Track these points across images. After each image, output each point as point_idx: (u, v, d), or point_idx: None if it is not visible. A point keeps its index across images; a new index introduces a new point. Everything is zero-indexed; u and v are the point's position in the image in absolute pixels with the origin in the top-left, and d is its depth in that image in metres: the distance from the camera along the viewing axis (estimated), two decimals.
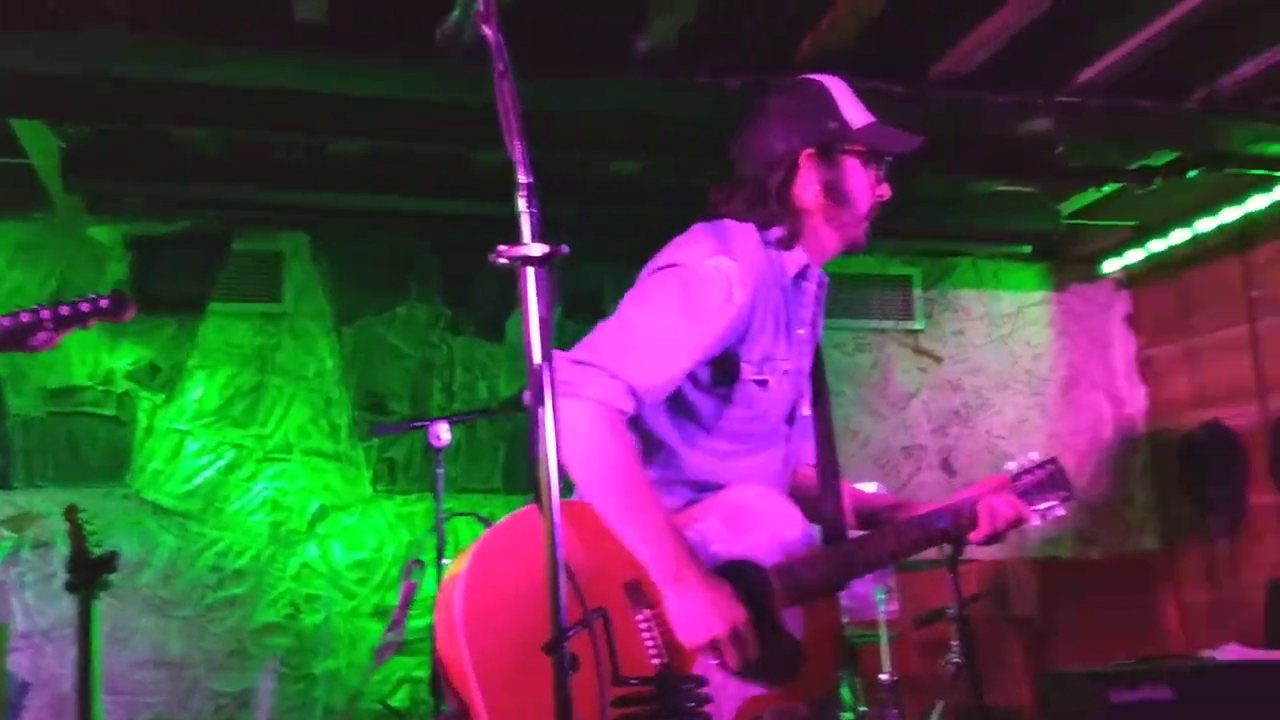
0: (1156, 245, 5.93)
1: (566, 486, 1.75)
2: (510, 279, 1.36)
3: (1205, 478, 5.89)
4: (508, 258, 1.34)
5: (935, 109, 4.07)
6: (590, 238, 5.03)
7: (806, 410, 2.14)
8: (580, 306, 5.17)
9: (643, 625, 1.77)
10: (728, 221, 2.03)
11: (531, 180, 1.35)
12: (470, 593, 1.67)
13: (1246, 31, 3.96)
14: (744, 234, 2.00)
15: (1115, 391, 6.40)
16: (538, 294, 1.33)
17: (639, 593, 1.78)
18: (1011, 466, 2.10)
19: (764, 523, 1.92)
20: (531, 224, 1.35)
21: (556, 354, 1.68)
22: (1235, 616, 5.69)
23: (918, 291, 6.18)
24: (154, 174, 4.79)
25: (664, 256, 1.98)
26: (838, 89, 2.06)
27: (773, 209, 2.02)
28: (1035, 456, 2.12)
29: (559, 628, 1.26)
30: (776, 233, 2.02)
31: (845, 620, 4.27)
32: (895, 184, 2.10)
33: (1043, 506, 2.08)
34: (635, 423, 1.97)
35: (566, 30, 3.58)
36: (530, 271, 1.33)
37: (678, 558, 1.79)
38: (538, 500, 1.31)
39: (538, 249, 1.32)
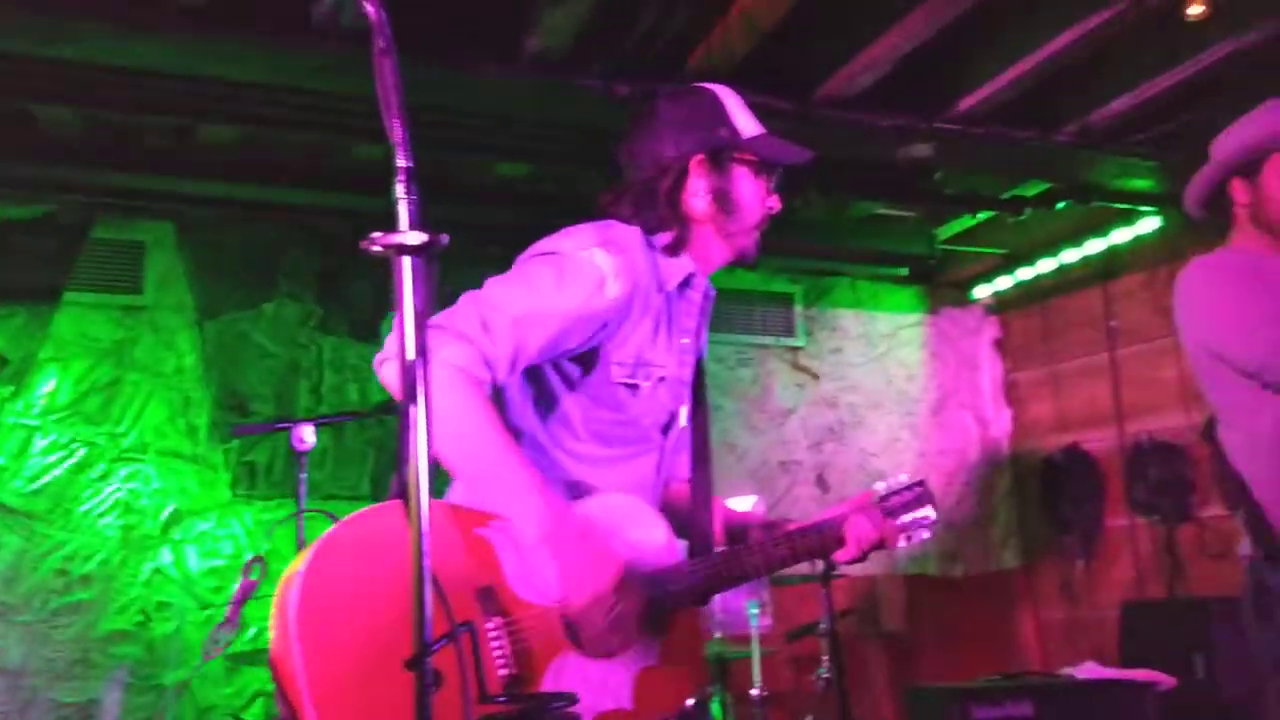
0: (1024, 273, 6.14)
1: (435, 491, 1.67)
2: (387, 275, 1.28)
3: (1064, 499, 6.11)
4: (383, 245, 1.26)
5: (820, 129, 4.12)
6: (473, 240, 4.95)
7: (685, 422, 2.11)
8: None
9: (492, 634, 1.68)
10: (613, 222, 2.00)
11: (411, 165, 1.28)
12: (308, 592, 1.54)
13: (1116, 69, 4.12)
14: (628, 234, 1.97)
15: (982, 413, 6.59)
16: (414, 285, 1.25)
17: (491, 600, 1.70)
18: (880, 487, 2.11)
19: (627, 532, 1.87)
20: (410, 211, 1.27)
21: None
22: (1089, 634, 5.90)
23: (799, 309, 6.27)
24: (10, 154, 4.50)
25: (540, 244, 1.94)
26: (729, 98, 2.06)
27: (661, 213, 2.00)
28: (904, 478, 2.12)
29: (422, 642, 1.18)
30: (663, 238, 2.00)
31: (718, 635, 4.28)
32: (784, 202, 2.09)
33: (908, 528, 2.09)
34: (505, 422, 1.91)
35: (454, 22, 3.48)
36: (406, 261, 1.25)
37: (552, 511, 1.74)
38: (405, 505, 1.23)
39: (415, 237, 1.24)
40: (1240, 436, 2.42)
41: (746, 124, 2.03)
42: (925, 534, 2.10)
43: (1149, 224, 5.32)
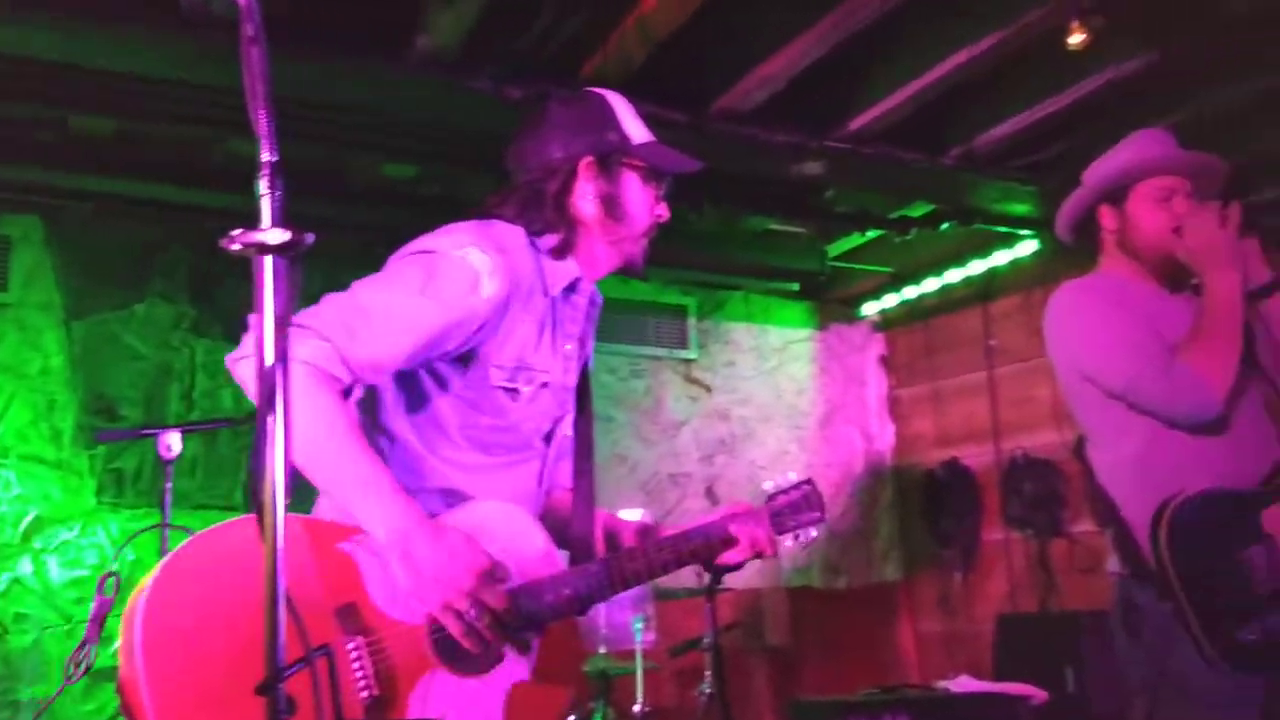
0: (910, 292, 6.28)
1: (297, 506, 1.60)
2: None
3: (944, 513, 6.24)
4: (243, 243, 1.19)
5: (714, 142, 4.13)
6: (359, 241, 4.82)
7: (569, 430, 2.07)
8: None
9: (353, 654, 1.61)
10: (497, 222, 1.96)
11: (276, 159, 1.21)
12: (153, 614, 1.46)
13: (999, 96, 4.23)
14: (511, 234, 1.93)
15: (867, 428, 6.71)
16: (275, 287, 1.18)
17: (352, 617, 1.63)
18: (768, 486, 2.11)
19: (504, 541, 1.81)
20: (273, 208, 1.20)
21: None
22: (965, 646, 6.03)
23: (692, 321, 6.29)
24: None
25: (415, 242, 1.88)
26: (619, 104, 2.04)
27: (548, 215, 1.97)
28: (793, 476, 2.12)
29: (274, 666, 1.11)
30: (549, 241, 1.97)
31: (602, 649, 4.24)
32: (674, 211, 2.07)
33: (796, 528, 2.08)
34: (377, 425, 1.87)
35: (342, 17, 3.37)
36: (268, 260, 1.19)
37: (406, 512, 1.68)
38: (259, 517, 1.16)
39: (277, 235, 1.18)
40: (1108, 456, 2.48)
41: (637, 130, 2.02)
42: (813, 533, 2.10)
43: (1027, 247, 5.48)
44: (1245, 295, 2.40)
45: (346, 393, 1.75)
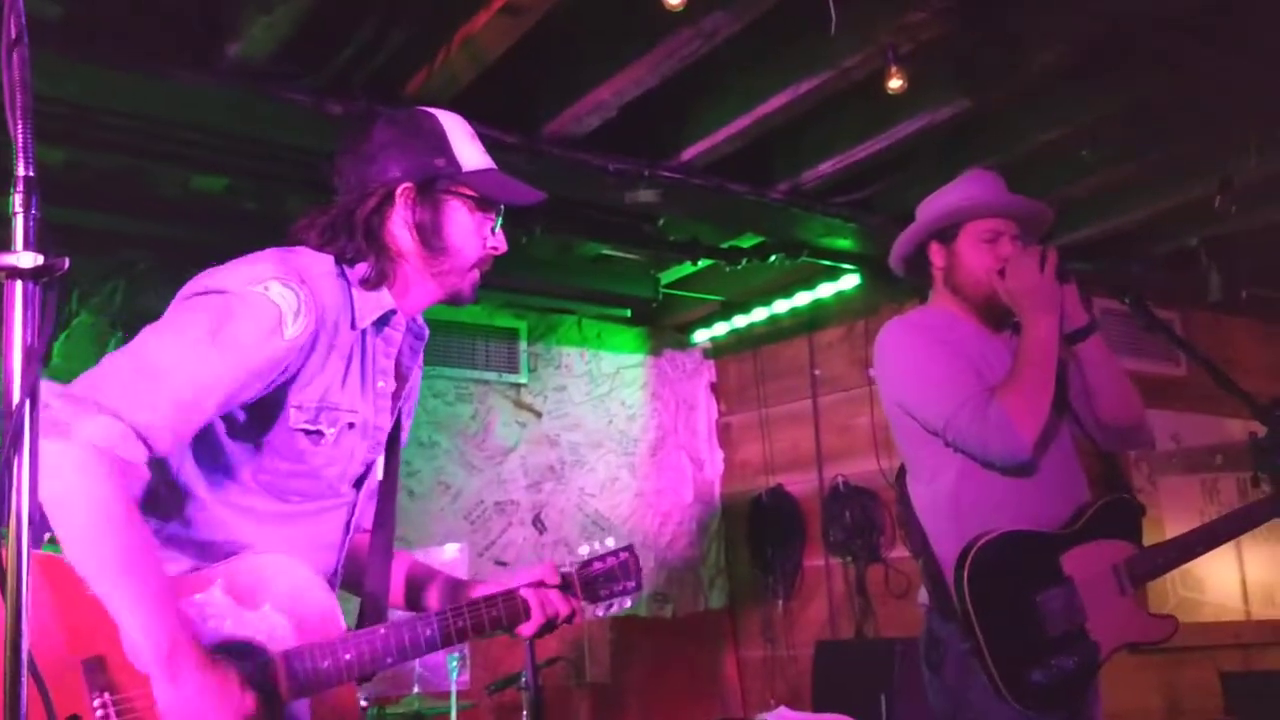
0: (740, 320, 6.38)
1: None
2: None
3: (769, 540, 6.33)
4: None
5: (546, 166, 4.08)
6: (166, 257, 4.54)
7: (381, 474, 1.95)
8: None
9: (98, 713, 1.47)
10: (303, 249, 1.81)
11: (31, 174, 1.09)
12: None
13: (823, 136, 4.34)
14: (317, 263, 1.79)
15: (697, 454, 6.76)
16: (25, 317, 1.06)
17: (99, 672, 1.49)
18: (584, 551, 2.03)
19: (280, 598, 1.67)
20: (27, 228, 1.09)
21: (47, 386, 1.39)
22: (786, 674, 6.12)
23: (524, 345, 6.21)
24: None
25: (207, 279, 1.71)
26: (455, 126, 1.89)
27: (358, 242, 1.81)
28: (611, 543, 2.06)
29: None
30: (360, 270, 1.82)
31: (416, 689, 4.08)
32: (507, 234, 1.96)
33: (609, 597, 2.02)
34: (155, 468, 1.69)
35: (146, 18, 3.15)
36: (18, 286, 1.07)
37: (174, 636, 1.52)
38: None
39: (28, 259, 1.06)
40: (926, 490, 2.53)
41: (471, 156, 1.87)
42: (627, 603, 2.04)
43: (850, 281, 5.64)
44: (1062, 338, 2.48)
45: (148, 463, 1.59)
